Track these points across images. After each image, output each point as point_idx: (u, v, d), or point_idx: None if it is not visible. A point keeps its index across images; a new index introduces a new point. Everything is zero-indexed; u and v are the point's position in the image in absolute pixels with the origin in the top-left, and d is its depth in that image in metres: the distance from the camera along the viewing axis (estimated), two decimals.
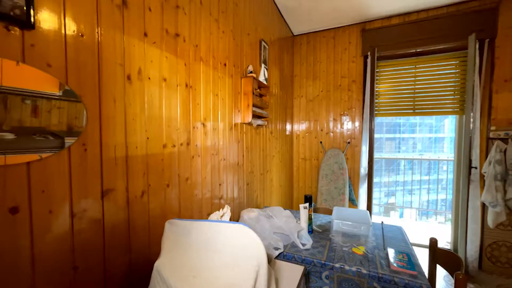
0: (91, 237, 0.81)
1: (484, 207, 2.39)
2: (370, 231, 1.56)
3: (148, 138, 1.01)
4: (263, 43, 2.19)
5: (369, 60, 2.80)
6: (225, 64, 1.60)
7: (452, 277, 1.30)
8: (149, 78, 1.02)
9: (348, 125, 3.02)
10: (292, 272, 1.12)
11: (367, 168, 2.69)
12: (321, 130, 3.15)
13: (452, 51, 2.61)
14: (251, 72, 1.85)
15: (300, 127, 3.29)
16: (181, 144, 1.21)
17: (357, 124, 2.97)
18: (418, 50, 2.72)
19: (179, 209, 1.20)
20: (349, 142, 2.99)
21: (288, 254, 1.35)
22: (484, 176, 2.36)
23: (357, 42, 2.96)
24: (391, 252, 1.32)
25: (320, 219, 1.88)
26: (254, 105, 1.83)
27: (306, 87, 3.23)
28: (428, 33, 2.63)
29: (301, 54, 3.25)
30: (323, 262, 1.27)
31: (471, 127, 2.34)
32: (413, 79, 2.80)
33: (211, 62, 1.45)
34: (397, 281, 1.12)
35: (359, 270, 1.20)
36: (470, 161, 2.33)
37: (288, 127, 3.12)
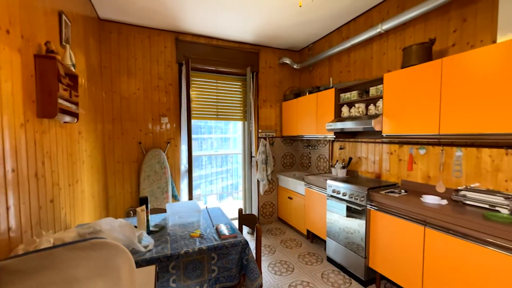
0: None
1: (258, 182, 3.64)
2: (201, 216, 1.84)
3: None
4: (64, 16, 1.70)
5: (183, 69, 3.13)
6: (8, 31, 1.09)
7: (252, 229, 1.94)
8: None
9: (167, 125, 3.15)
10: (144, 276, 1.09)
11: (187, 165, 3.00)
12: (140, 130, 3.00)
13: (239, 75, 3.67)
14: (52, 52, 1.39)
15: (115, 126, 2.88)
16: None
17: (175, 125, 3.20)
18: (219, 69, 3.49)
19: None
20: (169, 142, 3.14)
21: None
22: (257, 162, 3.60)
23: (172, 48, 3.17)
24: (219, 227, 1.69)
25: (153, 219, 1.86)
26: (60, 97, 1.40)
27: (120, 83, 2.89)
28: (225, 58, 3.47)
29: (112, 44, 2.85)
30: (169, 255, 1.34)
31: (251, 130, 3.47)
32: (216, 91, 3.54)
33: None
34: (227, 244, 1.49)
35: (200, 248, 1.42)
36: (251, 152, 3.45)
37: (100, 126, 2.63)
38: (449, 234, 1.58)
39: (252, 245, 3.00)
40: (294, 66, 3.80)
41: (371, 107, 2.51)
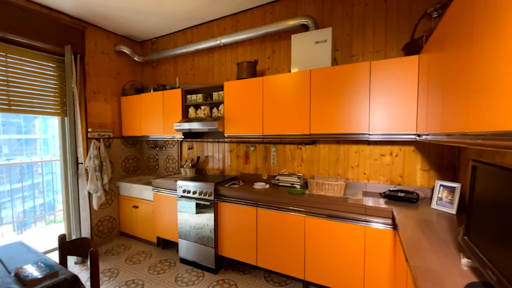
0: None
1: (90, 195, 2.89)
2: None
3: None
4: None
5: None
6: None
7: (85, 257, 1.52)
8: None
9: None
10: None
11: None
12: None
13: (53, 54, 2.69)
14: None
15: None
16: None
17: None
18: (10, 37, 2.36)
19: None
20: None
21: None
22: (87, 169, 2.85)
23: None
24: (22, 271, 1.16)
25: None
26: None
27: None
28: (25, 23, 2.40)
29: None
30: None
31: (76, 129, 2.67)
32: (4, 69, 2.38)
33: None
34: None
35: None
36: (77, 158, 2.67)
37: None
38: (270, 209, 2.12)
39: (85, 276, 2.36)
40: (135, 58, 3.38)
41: (215, 110, 2.78)
